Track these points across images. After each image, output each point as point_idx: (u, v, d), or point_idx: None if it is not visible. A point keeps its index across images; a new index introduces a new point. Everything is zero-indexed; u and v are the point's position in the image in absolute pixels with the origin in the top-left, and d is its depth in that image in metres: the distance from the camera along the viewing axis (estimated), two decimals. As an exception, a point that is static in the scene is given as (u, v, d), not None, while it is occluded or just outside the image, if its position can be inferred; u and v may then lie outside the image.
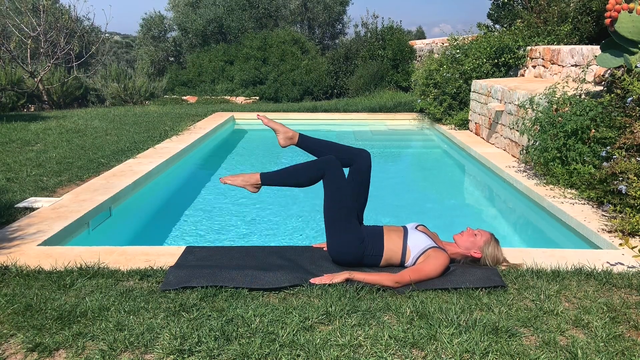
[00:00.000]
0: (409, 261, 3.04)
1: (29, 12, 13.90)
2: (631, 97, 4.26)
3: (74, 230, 4.00)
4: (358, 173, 3.14)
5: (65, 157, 6.13)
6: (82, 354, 2.19)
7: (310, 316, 2.45)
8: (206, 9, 19.61)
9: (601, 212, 4.18)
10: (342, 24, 23.00)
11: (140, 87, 15.02)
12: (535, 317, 2.49)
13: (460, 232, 3.16)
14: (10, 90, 12.76)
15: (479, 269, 3.01)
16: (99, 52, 18.73)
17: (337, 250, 3.08)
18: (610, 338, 2.31)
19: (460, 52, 9.65)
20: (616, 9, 4.44)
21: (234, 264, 3.09)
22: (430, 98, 9.70)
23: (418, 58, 15.17)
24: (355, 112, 11.30)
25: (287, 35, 17.91)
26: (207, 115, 10.55)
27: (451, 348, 2.20)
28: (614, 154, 4.18)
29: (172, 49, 21.19)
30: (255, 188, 3.14)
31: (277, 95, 16.43)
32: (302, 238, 4.59)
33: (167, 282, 2.83)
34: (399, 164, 8.20)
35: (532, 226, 5.04)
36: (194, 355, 2.16)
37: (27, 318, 2.46)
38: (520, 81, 7.65)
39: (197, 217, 5.19)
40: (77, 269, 3.03)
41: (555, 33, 8.98)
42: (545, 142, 4.95)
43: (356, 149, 3.21)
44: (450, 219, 5.26)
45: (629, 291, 2.81)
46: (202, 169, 7.53)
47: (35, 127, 8.49)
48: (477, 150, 7.03)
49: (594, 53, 6.29)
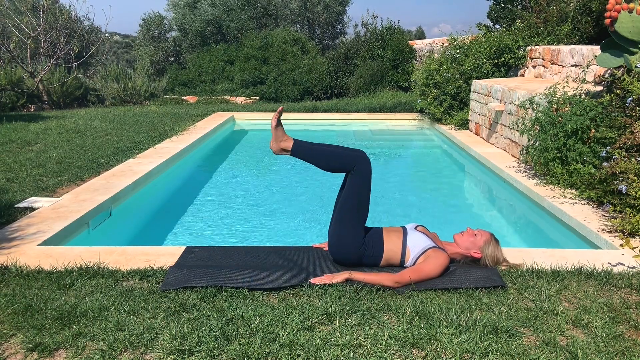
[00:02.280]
0: (408, 261, 3.04)
1: (28, 12, 13.90)
2: (631, 97, 4.26)
3: (74, 230, 4.00)
4: (360, 176, 3.08)
5: (65, 157, 6.13)
6: (82, 354, 2.19)
7: (310, 316, 2.45)
8: (204, 10, 19.60)
9: (601, 212, 4.18)
10: (342, 24, 23.00)
11: (140, 87, 15.02)
12: (535, 317, 2.49)
13: (461, 232, 3.16)
14: (10, 90, 12.75)
15: (479, 269, 3.01)
16: (99, 52, 18.73)
17: (337, 249, 3.07)
18: (610, 338, 2.31)
19: (460, 52, 9.66)
20: (616, 9, 4.44)
21: (234, 264, 3.09)
22: (430, 98, 9.70)
23: (418, 58, 15.17)
24: (355, 112, 11.30)
25: (287, 35, 17.91)
26: (207, 115, 10.55)
27: (451, 348, 2.20)
28: (614, 154, 4.18)
29: (172, 49, 21.19)
30: (282, 151, 3.12)
31: (277, 95, 16.43)
32: (303, 238, 4.59)
33: (167, 282, 2.83)
34: (398, 164, 8.20)
35: (532, 226, 5.04)
36: (194, 355, 2.16)
37: (27, 318, 2.46)
38: (520, 81, 7.65)
39: (197, 217, 5.19)
40: (77, 269, 3.03)
41: (555, 33, 8.97)
42: (545, 142, 4.95)
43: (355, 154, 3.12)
44: (450, 219, 5.26)
45: (629, 291, 2.81)
46: (202, 169, 7.53)
47: (35, 127, 8.49)
48: (477, 150, 7.03)
49: (594, 53, 6.29)
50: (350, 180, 3.06)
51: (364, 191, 3.05)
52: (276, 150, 3.14)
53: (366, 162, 3.06)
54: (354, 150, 3.13)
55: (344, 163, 3.07)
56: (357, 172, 3.04)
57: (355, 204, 3.04)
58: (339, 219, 3.07)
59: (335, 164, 3.09)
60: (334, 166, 3.10)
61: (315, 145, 3.13)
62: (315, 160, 3.12)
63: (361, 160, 3.05)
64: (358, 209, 3.05)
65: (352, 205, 3.04)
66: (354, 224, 3.04)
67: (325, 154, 3.11)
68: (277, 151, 3.14)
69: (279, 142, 3.11)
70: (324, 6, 21.62)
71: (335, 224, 3.09)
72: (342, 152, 3.10)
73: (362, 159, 3.06)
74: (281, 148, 3.12)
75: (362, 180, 3.04)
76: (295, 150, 3.11)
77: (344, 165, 3.07)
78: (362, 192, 3.04)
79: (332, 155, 3.09)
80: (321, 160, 3.11)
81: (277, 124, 3.10)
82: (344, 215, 3.05)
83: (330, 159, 3.09)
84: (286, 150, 3.12)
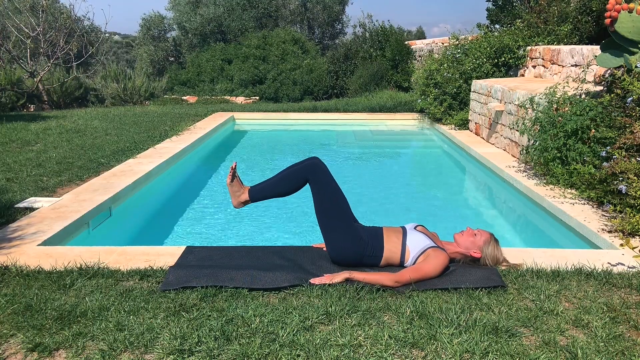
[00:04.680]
0: (408, 261, 3.04)
1: (28, 12, 13.90)
2: (631, 97, 4.26)
3: (74, 230, 4.00)
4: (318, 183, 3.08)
5: (65, 157, 6.13)
6: (82, 354, 2.19)
7: (310, 316, 2.45)
8: (206, 9, 19.60)
9: (601, 212, 4.18)
10: (342, 24, 23.01)
11: (140, 87, 15.01)
12: (535, 317, 2.49)
13: (461, 232, 3.16)
14: (10, 90, 12.75)
15: (478, 269, 3.01)
16: (99, 52, 18.71)
17: (336, 251, 3.08)
18: (610, 338, 2.31)
19: (461, 52, 9.66)
20: (616, 9, 4.44)
21: (234, 264, 3.09)
22: (430, 98, 9.70)
23: (418, 58, 15.18)
24: (355, 112, 11.30)
25: (287, 35, 17.90)
26: (207, 115, 10.56)
27: (451, 348, 2.20)
28: (614, 154, 4.18)
29: (172, 48, 21.20)
30: (242, 204, 3.21)
31: (277, 95, 16.43)
32: (303, 238, 4.59)
33: (167, 282, 2.83)
34: (398, 164, 8.20)
35: (532, 226, 5.04)
36: (194, 355, 2.16)
37: (27, 318, 2.46)
38: (520, 81, 7.65)
39: (197, 217, 5.19)
40: (77, 269, 3.03)
41: (555, 33, 8.97)
42: (546, 142, 4.95)
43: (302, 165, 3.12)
44: (450, 219, 5.26)
45: (629, 291, 2.81)
46: (202, 169, 7.53)
47: (35, 127, 8.49)
48: (477, 150, 7.03)
49: (594, 53, 6.29)
50: (313, 190, 3.10)
51: (330, 193, 3.07)
52: (237, 205, 3.23)
53: (317, 167, 3.07)
54: (303, 162, 3.15)
55: (297, 179, 3.10)
56: (313, 180, 3.07)
57: (327, 209, 3.06)
58: (325, 231, 3.09)
59: (292, 183, 3.12)
60: (293, 186, 3.13)
61: (268, 182, 3.20)
62: (273, 193, 3.19)
63: (311, 169, 3.07)
64: (335, 211, 3.06)
65: (326, 210, 3.06)
66: (340, 226, 3.06)
67: (277, 183, 3.16)
68: (238, 206, 3.23)
69: (237, 197, 3.20)
70: (324, 6, 21.63)
71: (324, 234, 3.11)
72: (291, 170, 3.14)
73: (311, 166, 3.08)
74: (241, 202, 3.21)
75: (322, 185, 3.06)
76: (253, 196, 3.19)
77: (298, 181, 3.10)
78: (327, 195, 3.07)
79: (283, 179, 3.14)
80: (277, 189, 3.17)
81: (231, 180, 3.18)
82: (325, 223, 3.08)
83: (285, 182, 3.13)
84: (246, 202, 3.21)
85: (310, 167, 3.08)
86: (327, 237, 3.09)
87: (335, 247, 3.07)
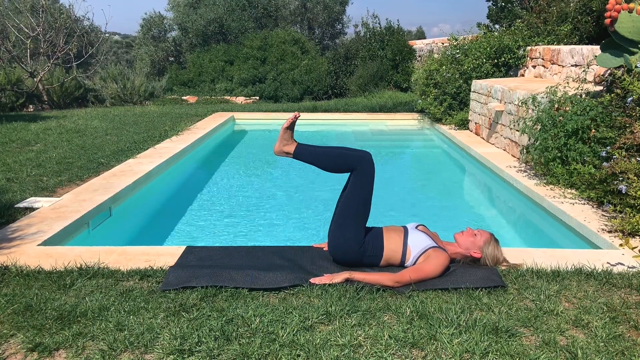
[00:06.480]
0: (409, 261, 3.04)
1: (27, 12, 13.89)
2: (631, 97, 4.26)
3: (74, 230, 4.00)
4: (362, 176, 3.06)
5: (65, 157, 6.13)
6: (82, 354, 2.19)
7: (310, 316, 2.45)
8: (206, 9, 19.60)
9: (601, 212, 4.18)
10: (342, 24, 23.02)
11: (140, 87, 15.01)
12: (535, 317, 2.49)
13: (461, 232, 3.16)
14: (9, 90, 12.75)
15: (479, 269, 3.01)
16: (99, 52, 18.70)
17: (337, 248, 3.07)
18: (610, 338, 2.31)
19: (460, 52, 9.66)
20: (616, 9, 4.44)
21: (234, 264, 3.09)
22: (430, 98, 9.70)
23: (418, 58, 15.18)
24: (355, 112, 11.30)
25: (287, 35, 17.91)
26: (207, 115, 10.55)
27: (451, 348, 2.20)
28: (614, 154, 4.18)
29: (172, 48, 21.20)
30: (284, 153, 3.12)
31: (277, 95, 16.43)
32: (303, 238, 4.59)
33: (167, 282, 2.83)
34: (398, 164, 8.20)
35: (532, 226, 5.04)
36: (194, 355, 2.16)
37: (27, 318, 2.46)
38: (521, 81, 7.65)
39: (197, 216, 5.19)
40: (77, 269, 3.03)
41: (555, 33, 8.98)
42: (546, 141, 4.95)
43: (358, 154, 3.11)
44: (450, 219, 5.25)
45: (629, 291, 2.81)
46: (202, 169, 7.53)
47: (35, 127, 8.49)
48: (477, 150, 7.03)
49: (594, 53, 6.29)
50: (353, 180, 3.05)
51: (367, 191, 3.04)
52: (278, 152, 3.14)
53: (369, 163, 3.05)
54: (358, 151, 3.11)
55: (346, 162, 3.05)
56: (360, 171, 3.03)
57: (358, 204, 3.03)
58: (341, 218, 3.06)
59: (338, 163, 3.08)
60: (337, 166, 3.09)
61: (316, 149, 3.13)
62: (316, 162, 3.12)
63: (365, 160, 3.04)
64: (361, 209, 3.04)
65: (355, 205, 3.03)
66: (355, 223, 3.04)
67: (327, 155, 3.10)
68: (279, 152, 3.14)
69: (283, 144, 3.12)
70: (324, 6, 21.63)
71: (336, 224, 3.08)
72: (343, 152, 3.10)
73: (366, 159, 3.05)
74: (283, 151, 3.13)
75: (365, 179, 3.03)
76: (298, 153, 3.11)
77: (347, 164, 3.05)
78: (365, 191, 3.04)
79: (332, 157, 3.09)
80: (323, 161, 3.10)
81: (288, 126, 3.09)
82: (346, 215, 3.04)
83: (333, 159, 3.08)
84: (288, 153, 3.13)
85: (362, 159, 3.04)
86: (336, 231, 3.06)
87: (338, 244, 3.06)
